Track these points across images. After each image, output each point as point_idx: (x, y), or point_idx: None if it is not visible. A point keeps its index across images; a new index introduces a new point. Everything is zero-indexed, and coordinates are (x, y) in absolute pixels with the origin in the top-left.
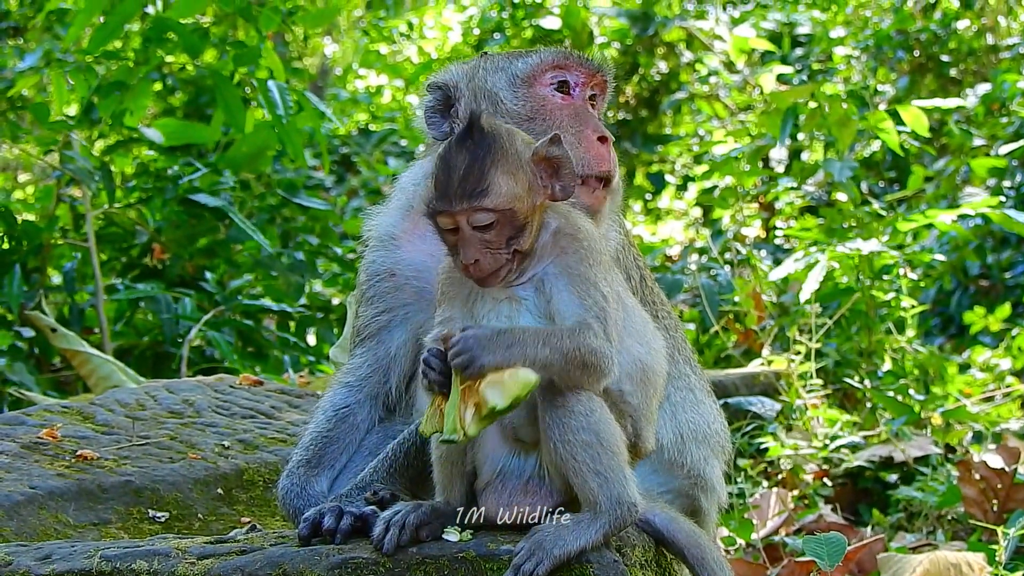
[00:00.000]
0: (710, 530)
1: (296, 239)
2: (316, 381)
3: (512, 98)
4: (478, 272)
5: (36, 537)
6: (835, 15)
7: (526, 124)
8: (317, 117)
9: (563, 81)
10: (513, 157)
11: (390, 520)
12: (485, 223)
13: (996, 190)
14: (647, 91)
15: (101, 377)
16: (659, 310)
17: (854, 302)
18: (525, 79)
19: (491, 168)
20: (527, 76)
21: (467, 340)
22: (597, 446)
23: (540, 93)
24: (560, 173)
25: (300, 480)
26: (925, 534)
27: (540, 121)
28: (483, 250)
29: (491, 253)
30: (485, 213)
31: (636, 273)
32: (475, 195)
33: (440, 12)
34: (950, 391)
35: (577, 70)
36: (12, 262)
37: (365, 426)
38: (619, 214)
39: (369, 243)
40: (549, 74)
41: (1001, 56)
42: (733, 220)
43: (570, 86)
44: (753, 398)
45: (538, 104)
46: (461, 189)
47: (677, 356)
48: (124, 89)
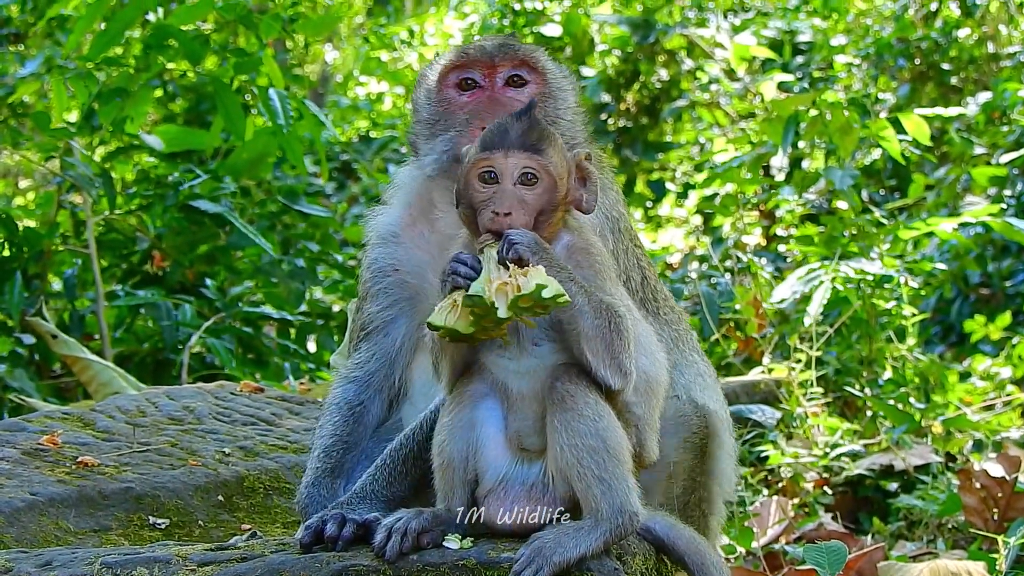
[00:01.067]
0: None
1: (296, 246)
2: (316, 388)
3: (426, 107)
4: (507, 224)
5: (37, 544)
6: (836, 23)
7: (430, 128)
8: (317, 125)
9: (465, 79)
10: (561, 145)
11: (392, 527)
12: (531, 179)
13: (997, 198)
14: (648, 99)
15: (101, 383)
16: (660, 307)
17: (855, 310)
18: (435, 87)
19: (547, 138)
20: (435, 83)
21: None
22: (603, 452)
23: (446, 96)
24: (587, 186)
25: (327, 491)
26: (925, 543)
27: (440, 123)
28: (518, 206)
29: (523, 211)
30: (536, 166)
31: (637, 274)
32: (532, 148)
33: (441, 19)
34: (951, 399)
35: (477, 63)
36: (13, 268)
37: (374, 424)
38: (616, 215)
39: (371, 240)
40: (452, 75)
41: (1002, 64)
42: (734, 228)
43: (476, 81)
44: (753, 406)
45: (443, 108)
46: (520, 140)
47: (683, 345)
48: (125, 96)
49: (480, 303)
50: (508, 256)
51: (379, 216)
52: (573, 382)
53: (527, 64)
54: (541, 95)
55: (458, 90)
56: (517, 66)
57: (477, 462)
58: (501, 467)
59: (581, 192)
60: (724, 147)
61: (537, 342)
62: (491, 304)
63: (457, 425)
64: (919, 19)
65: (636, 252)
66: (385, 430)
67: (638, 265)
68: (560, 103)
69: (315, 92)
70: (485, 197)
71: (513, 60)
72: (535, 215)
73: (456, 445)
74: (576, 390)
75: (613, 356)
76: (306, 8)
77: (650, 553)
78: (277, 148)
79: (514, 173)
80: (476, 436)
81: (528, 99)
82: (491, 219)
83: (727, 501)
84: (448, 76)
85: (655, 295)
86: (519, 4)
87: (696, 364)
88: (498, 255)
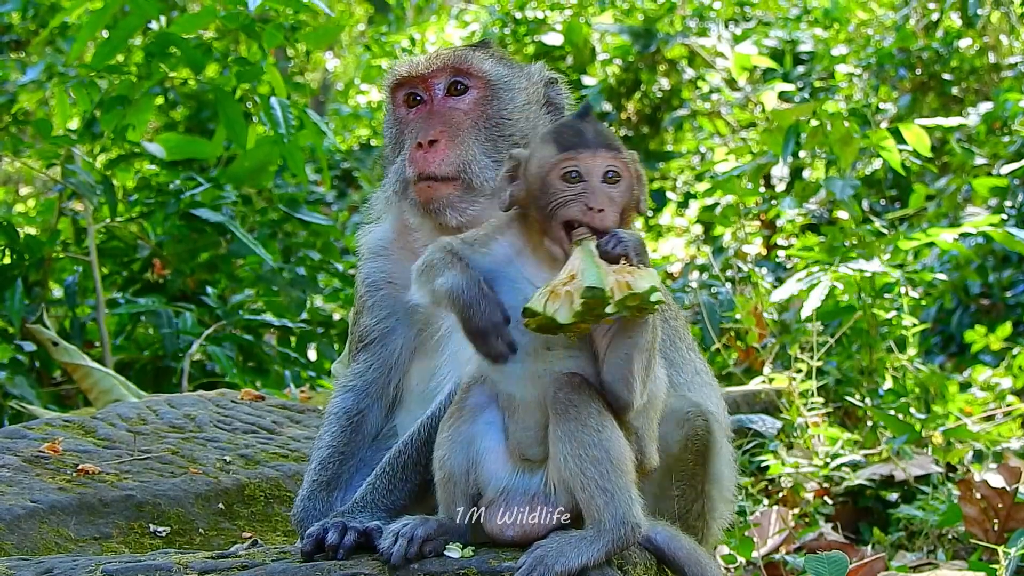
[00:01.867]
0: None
1: (297, 254)
2: (317, 396)
3: (387, 129)
4: (603, 222)
5: (37, 551)
6: (837, 33)
7: (391, 149)
8: (318, 133)
9: (409, 94)
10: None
11: (398, 532)
12: (615, 177)
13: (997, 209)
14: (649, 108)
15: (102, 391)
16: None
17: (855, 320)
18: (392, 107)
19: (618, 138)
20: (391, 103)
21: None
22: (607, 462)
23: (399, 116)
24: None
25: (323, 504)
26: (926, 553)
27: (396, 144)
28: (608, 202)
29: (613, 208)
30: (620, 164)
31: None
32: (613, 147)
33: (442, 27)
34: (951, 410)
35: (414, 79)
36: (14, 276)
37: (373, 433)
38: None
39: (363, 255)
40: (398, 94)
41: (1003, 75)
42: (734, 237)
43: (418, 96)
44: (754, 416)
45: (398, 128)
46: (602, 139)
47: (680, 343)
48: (127, 103)
49: (599, 295)
50: (616, 251)
51: (370, 232)
52: (576, 391)
53: (461, 71)
54: (482, 98)
55: (406, 107)
56: (453, 74)
57: (478, 475)
58: (502, 479)
59: (639, 192)
60: (725, 157)
61: (551, 346)
62: (609, 297)
63: (457, 439)
64: (920, 29)
65: None
66: (383, 438)
67: None
68: (505, 103)
69: (316, 100)
70: (571, 195)
71: (446, 70)
72: (620, 213)
73: (457, 459)
74: (580, 399)
75: (647, 373)
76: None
77: (651, 563)
78: (279, 157)
79: (600, 171)
80: (476, 449)
81: (472, 104)
82: (583, 212)
83: (727, 502)
84: (396, 95)
85: None
86: (520, 13)
87: (693, 363)
88: (599, 249)
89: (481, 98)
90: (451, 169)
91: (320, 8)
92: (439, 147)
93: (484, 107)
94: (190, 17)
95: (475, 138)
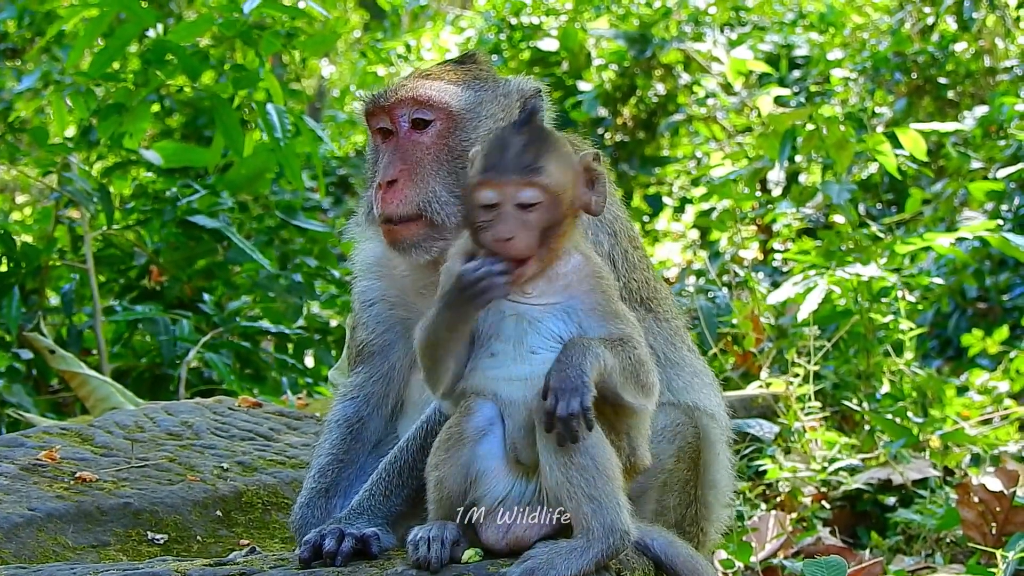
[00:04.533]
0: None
1: (294, 261)
2: (314, 403)
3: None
4: (509, 250)
5: (35, 559)
6: (833, 37)
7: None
8: (314, 140)
9: (379, 128)
10: (566, 150)
11: (431, 536)
12: (531, 201)
13: (994, 213)
14: (645, 113)
15: (99, 399)
16: (660, 304)
17: (852, 325)
18: (370, 134)
19: (547, 151)
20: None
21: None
22: (592, 470)
23: (375, 143)
24: (596, 188)
25: (321, 511)
26: (924, 557)
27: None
28: (520, 229)
29: (526, 234)
30: (534, 190)
31: (638, 275)
32: (529, 171)
33: (438, 34)
34: (948, 414)
35: (380, 111)
36: (10, 284)
37: (373, 440)
38: (612, 217)
39: (356, 272)
40: (371, 123)
41: (999, 78)
42: (731, 242)
43: (385, 128)
44: (751, 420)
45: (373, 155)
46: (516, 163)
47: (680, 344)
48: (123, 111)
49: None
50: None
51: (361, 249)
52: None
53: (421, 103)
54: (445, 130)
55: (380, 137)
56: (414, 106)
57: (475, 487)
58: (499, 490)
59: (589, 195)
60: (721, 161)
61: (536, 350)
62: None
63: (454, 458)
64: (916, 33)
65: (635, 254)
66: (383, 446)
67: (638, 266)
68: (468, 132)
69: (312, 106)
70: (486, 220)
71: (407, 102)
72: (540, 232)
73: (454, 473)
74: None
75: (640, 385)
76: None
77: (649, 568)
78: (275, 164)
79: (513, 198)
80: (475, 463)
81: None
82: (494, 242)
83: (724, 507)
84: (370, 124)
85: (655, 294)
86: (515, 19)
87: (692, 363)
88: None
89: (444, 130)
90: (411, 209)
91: (317, 12)
92: (397, 187)
93: (446, 140)
94: (187, 25)
95: (436, 174)
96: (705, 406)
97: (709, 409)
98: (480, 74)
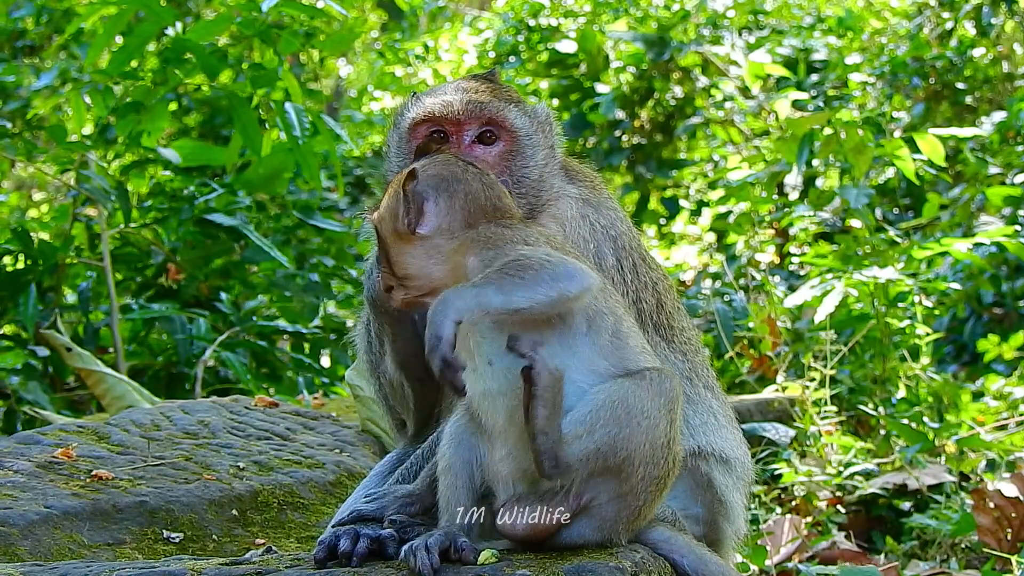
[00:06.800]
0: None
1: (311, 260)
2: (331, 403)
3: (396, 154)
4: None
5: (51, 557)
6: (851, 42)
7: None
8: (332, 140)
9: (434, 131)
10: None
11: (414, 547)
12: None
13: (1011, 219)
14: (662, 116)
15: (115, 397)
16: (676, 335)
17: (868, 329)
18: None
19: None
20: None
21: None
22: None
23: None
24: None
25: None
26: (939, 562)
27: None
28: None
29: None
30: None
31: (651, 296)
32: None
33: (456, 35)
34: (964, 419)
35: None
36: (27, 281)
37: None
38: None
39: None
40: (421, 128)
41: (1017, 84)
42: (747, 245)
43: (443, 134)
44: (767, 424)
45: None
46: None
47: (696, 380)
48: (141, 109)
49: None
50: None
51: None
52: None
53: (495, 122)
54: (508, 152)
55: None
56: (485, 124)
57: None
58: (511, 485)
59: (408, 217)
60: (738, 165)
61: (492, 360)
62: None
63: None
64: (934, 38)
65: (649, 273)
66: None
67: (652, 287)
68: (527, 160)
69: (329, 106)
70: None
71: (480, 119)
72: (386, 263)
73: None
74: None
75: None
76: (320, 22)
77: (665, 570)
78: (293, 163)
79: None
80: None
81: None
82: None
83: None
84: (417, 128)
85: (670, 321)
86: (534, 20)
87: (710, 402)
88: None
89: (507, 151)
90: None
91: (336, 11)
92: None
93: (508, 161)
94: (206, 24)
95: None
96: (721, 449)
97: (724, 453)
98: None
